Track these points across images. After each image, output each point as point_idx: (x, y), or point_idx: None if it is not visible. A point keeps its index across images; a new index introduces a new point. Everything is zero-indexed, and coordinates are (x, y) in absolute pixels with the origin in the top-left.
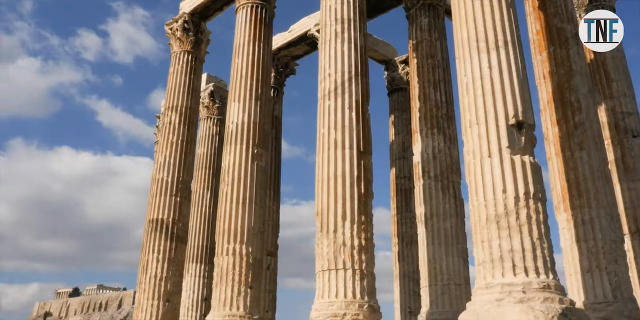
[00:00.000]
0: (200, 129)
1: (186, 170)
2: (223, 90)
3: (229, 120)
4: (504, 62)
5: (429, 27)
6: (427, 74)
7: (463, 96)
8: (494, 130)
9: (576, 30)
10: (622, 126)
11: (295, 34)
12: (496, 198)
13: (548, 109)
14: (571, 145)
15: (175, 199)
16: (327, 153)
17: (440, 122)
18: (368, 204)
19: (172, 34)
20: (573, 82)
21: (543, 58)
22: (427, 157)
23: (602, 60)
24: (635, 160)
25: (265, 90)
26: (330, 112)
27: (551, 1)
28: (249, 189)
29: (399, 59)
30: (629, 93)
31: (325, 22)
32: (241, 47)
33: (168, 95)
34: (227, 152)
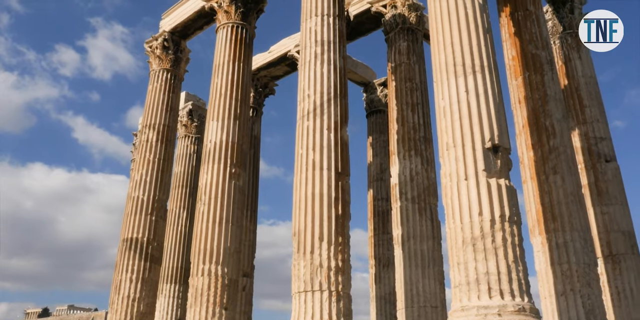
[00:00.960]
0: (177, 147)
1: (162, 189)
2: (202, 109)
3: (207, 139)
4: (480, 87)
5: (408, 51)
6: (406, 96)
7: (440, 119)
8: (471, 153)
9: (550, 56)
10: (595, 151)
11: (276, 54)
12: (472, 221)
13: (523, 133)
14: (546, 169)
15: (151, 218)
16: (305, 174)
17: (418, 144)
18: (345, 225)
19: (151, 52)
20: (548, 107)
21: (518, 83)
22: (404, 179)
23: (576, 86)
24: (608, 184)
25: (244, 110)
26: (308, 133)
27: (526, 28)
28: (225, 209)
29: (378, 81)
30: (602, 119)
31: (306, 43)
32: (221, 66)
33: (146, 113)
34: (204, 171)
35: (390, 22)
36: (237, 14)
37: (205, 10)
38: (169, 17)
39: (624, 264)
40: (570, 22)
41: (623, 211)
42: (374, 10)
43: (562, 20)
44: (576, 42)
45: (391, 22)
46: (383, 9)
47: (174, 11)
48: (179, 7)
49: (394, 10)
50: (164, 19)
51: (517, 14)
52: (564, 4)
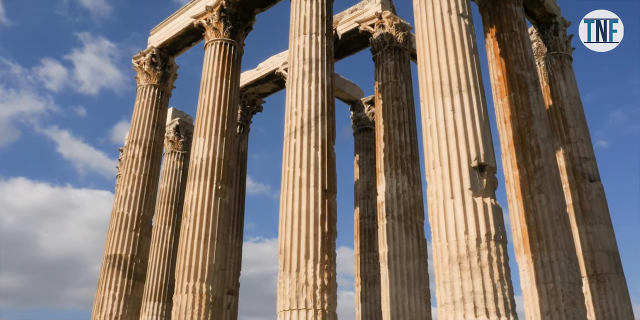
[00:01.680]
0: (164, 163)
1: (148, 205)
2: (189, 125)
3: (194, 155)
4: (466, 106)
5: (395, 70)
6: (393, 115)
7: (427, 138)
8: (457, 172)
9: (535, 77)
10: (579, 171)
11: (263, 71)
12: (458, 239)
13: (509, 153)
14: (531, 189)
15: (135, 235)
16: (291, 191)
17: (405, 162)
18: (332, 243)
19: (139, 68)
20: (533, 127)
21: (504, 103)
22: (391, 197)
23: (560, 106)
24: (592, 204)
25: (231, 127)
26: (295, 150)
27: (512, 49)
28: (211, 226)
29: (365, 99)
30: (586, 139)
31: (294, 61)
32: (209, 83)
33: (132, 128)
34: (190, 187)
35: (377, 42)
36: (226, 31)
37: (194, 26)
38: (158, 33)
39: (608, 284)
40: (555, 44)
41: (607, 231)
42: (362, 29)
43: (547, 41)
44: (560, 63)
45: (379, 42)
46: (371, 29)
47: (162, 27)
48: (167, 23)
49: (381, 29)
50: (152, 35)
51: (503, 35)
52: (549, 26)
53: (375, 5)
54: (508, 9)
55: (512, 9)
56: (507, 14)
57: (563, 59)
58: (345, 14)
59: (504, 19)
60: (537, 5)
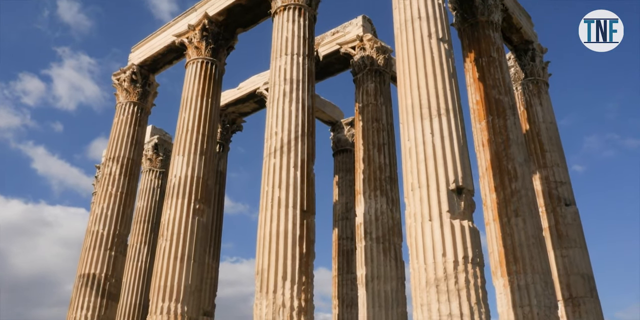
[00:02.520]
0: (141, 181)
1: (124, 224)
2: (168, 143)
3: (172, 173)
4: (445, 129)
5: (375, 92)
6: (372, 136)
7: (406, 160)
8: (435, 194)
9: (513, 101)
10: (555, 195)
11: (244, 91)
12: (436, 261)
13: (486, 176)
14: (508, 212)
15: (110, 253)
16: (270, 211)
17: (384, 184)
18: (309, 264)
19: (119, 85)
20: (510, 151)
21: (482, 127)
22: (369, 218)
23: (537, 131)
24: (568, 228)
25: (210, 146)
26: (275, 171)
27: (490, 74)
28: (188, 245)
29: (345, 120)
30: (562, 163)
31: (275, 81)
32: (189, 101)
33: (110, 145)
34: (167, 206)
35: (358, 64)
36: (208, 50)
37: (175, 45)
38: (139, 51)
39: (583, 307)
40: (532, 70)
41: (582, 254)
42: (343, 51)
43: (524, 67)
44: (537, 88)
45: (359, 64)
46: (352, 51)
47: (143, 45)
48: (149, 41)
49: (362, 52)
50: (133, 52)
51: (481, 59)
52: (526, 52)
53: (356, 28)
54: (487, 35)
55: (491, 34)
56: (486, 40)
57: (540, 84)
58: (327, 35)
59: (482, 44)
60: (515, 32)
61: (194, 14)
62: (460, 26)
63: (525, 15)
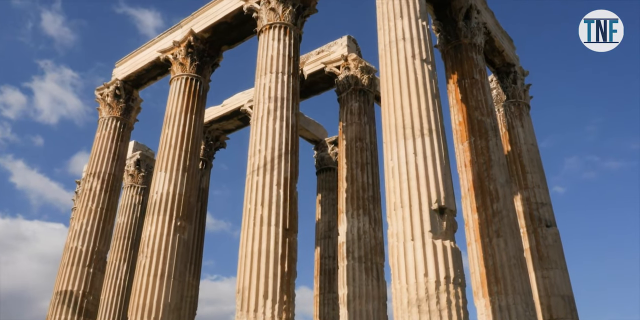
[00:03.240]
0: (122, 197)
1: (103, 240)
2: (150, 159)
3: (154, 190)
4: (428, 149)
5: (359, 111)
6: (356, 155)
7: (389, 179)
8: (418, 214)
9: (495, 123)
10: (536, 216)
11: (229, 108)
12: (418, 281)
13: (468, 196)
14: (489, 232)
15: (88, 270)
16: (252, 229)
17: (366, 203)
18: (291, 283)
19: (102, 99)
20: (492, 172)
21: (465, 147)
22: (352, 237)
23: (519, 152)
24: (548, 249)
25: (193, 162)
26: (258, 188)
27: (472, 95)
28: (168, 263)
29: (329, 139)
30: (543, 185)
31: (259, 99)
32: (172, 117)
33: (92, 160)
34: (148, 222)
35: (343, 83)
36: (192, 66)
37: (160, 61)
38: (123, 66)
39: None
40: (514, 92)
41: (563, 276)
42: (328, 70)
43: (506, 89)
44: (519, 110)
45: (344, 83)
46: (336, 70)
47: (128, 60)
48: (133, 56)
49: (347, 71)
50: (118, 67)
51: (464, 81)
52: (508, 75)
53: (341, 48)
54: (469, 57)
55: (474, 57)
56: (469, 62)
57: (521, 106)
58: (312, 55)
59: (465, 66)
60: (497, 55)
61: (180, 30)
62: (444, 48)
63: (507, 39)
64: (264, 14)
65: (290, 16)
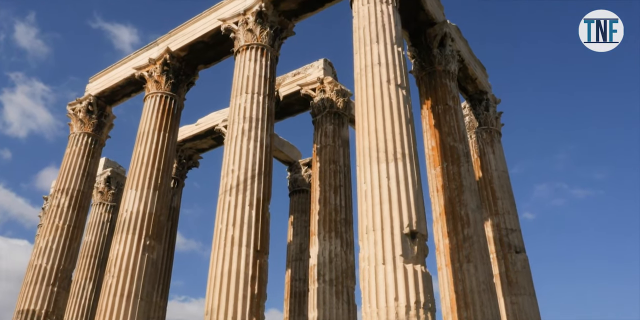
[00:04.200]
0: (90, 214)
1: (69, 258)
2: (121, 177)
3: (123, 208)
4: (401, 173)
5: (334, 134)
6: (329, 178)
7: (361, 203)
8: (389, 238)
9: (467, 149)
10: (506, 242)
11: (203, 127)
12: (388, 306)
13: (440, 221)
14: (460, 257)
15: (52, 289)
16: (223, 250)
17: (339, 226)
18: (261, 305)
19: (74, 115)
20: (463, 197)
21: (437, 172)
22: (323, 260)
23: (489, 179)
24: (517, 275)
25: (165, 181)
26: (230, 208)
27: (445, 121)
28: (135, 282)
29: (303, 161)
30: (512, 211)
31: (234, 119)
32: (145, 135)
33: (60, 176)
34: (117, 241)
35: (318, 105)
36: (168, 84)
37: (135, 78)
38: (97, 82)
39: None
40: (486, 119)
41: (531, 302)
42: (304, 92)
43: (479, 116)
44: (490, 137)
45: (319, 106)
46: (312, 93)
47: (102, 76)
48: (108, 72)
49: (322, 94)
50: (91, 83)
51: (438, 107)
52: (480, 102)
53: (317, 71)
54: (443, 84)
55: (447, 83)
56: (442, 88)
57: (493, 133)
58: (288, 76)
59: (439, 93)
60: (470, 82)
61: (156, 48)
62: (419, 74)
63: (480, 67)
64: (242, 35)
65: (267, 38)
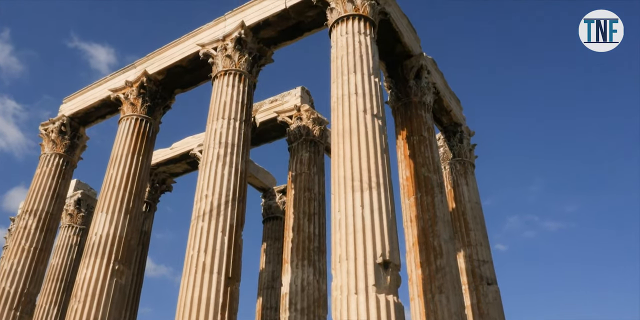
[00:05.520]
0: (58, 237)
1: (34, 282)
2: (91, 199)
3: (93, 231)
4: (375, 203)
5: (309, 162)
6: (303, 205)
7: (335, 231)
8: (362, 267)
9: (441, 180)
10: (478, 273)
11: (178, 151)
12: None
13: (413, 251)
14: (432, 288)
15: (15, 313)
16: (193, 276)
17: (312, 254)
18: None
19: (46, 135)
20: (436, 228)
21: (411, 203)
22: (295, 288)
23: (463, 210)
24: (489, 307)
25: (137, 204)
26: (202, 234)
27: (420, 152)
28: (102, 308)
29: (278, 188)
30: (485, 242)
31: (209, 143)
32: (119, 157)
33: (29, 197)
34: (84, 265)
35: (294, 133)
36: (144, 107)
37: (110, 99)
38: (71, 102)
39: None
40: (460, 151)
41: None
42: (280, 119)
43: (453, 148)
44: (464, 169)
45: (295, 133)
46: (289, 120)
47: (77, 97)
48: (83, 93)
49: (299, 121)
50: (66, 103)
51: (413, 138)
52: (454, 134)
53: (294, 98)
54: (419, 115)
55: (423, 115)
56: (418, 119)
57: (466, 165)
58: (266, 103)
59: (414, 124)
60: (445, 114)
61: (133, 70)
62: (395, 104)
63: (455, 99)
64: (220, 60)
65: (246, 64)
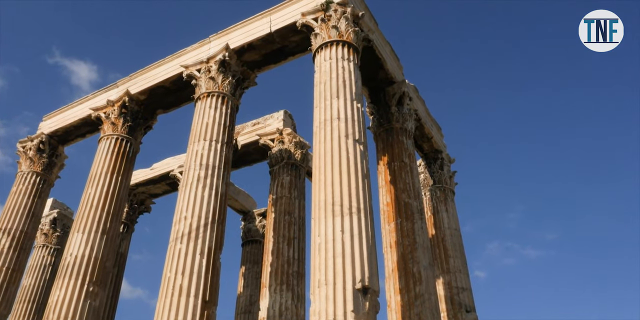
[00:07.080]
0: (32, 257)
1: (5, 303)
2: (68, 219)
3: (68, 251)
4: (355, 228)
5: (290, 185)
6: (283, 229)
7: (315, 256)
8: (341, 293)
9: (421, 206)
10: (457, 301)
11: (157, 172)
12: None
13: (392, 277)
14: (411, 315)
15: None
16: (169, 299)
17: (291, 279)
18: None
19: (23, 153)
20: (416, 254)
21: (391, 228)
22: (273, 313)
23: (442, 237)
24: None
25: (114, 225)
26: (180, 256)
27: (401, 178)
28: None
29: (258, 211)
30: (464, 270)
31: (190, 165)
32: (97, 177)
33: (3, 215)
34: (57, 286)
35: (276, 156)
36: (125, 127)
37: (91, 118)
38: (51, 120)
39: None
40: (440, 177)
41: None
42: (262, 142)
43: (433, 174)
44: (444, 196)
45: (277, 156)
46: (270, 143)
47: (57, 115)
48: (63, 111)
49: (280, 145)
50: (45, 121)
51: (394, 164)
52: (435, 161)
53: (277, 122)
54: (400, 141)
55: (404, 141)
56: (399, 145)
57: (447, 192)
58: (248, 126)
59: (395, 150)
60: (426, 141)
61: (115, 90)
62: (376, 130)
63: (436, 127)
64: (204, 82)
65: (229, 86)
